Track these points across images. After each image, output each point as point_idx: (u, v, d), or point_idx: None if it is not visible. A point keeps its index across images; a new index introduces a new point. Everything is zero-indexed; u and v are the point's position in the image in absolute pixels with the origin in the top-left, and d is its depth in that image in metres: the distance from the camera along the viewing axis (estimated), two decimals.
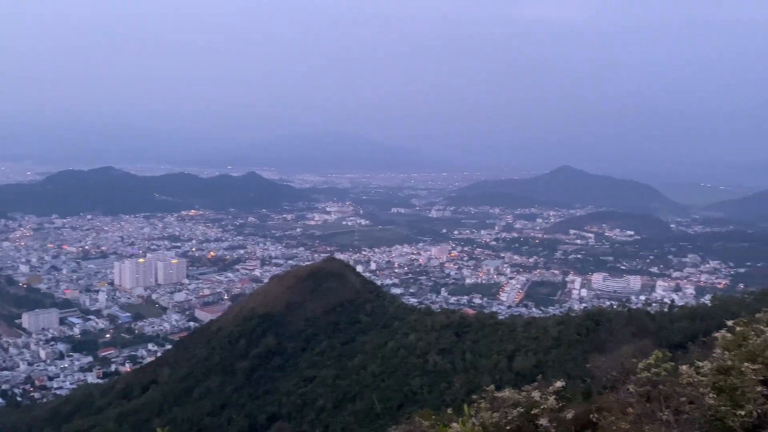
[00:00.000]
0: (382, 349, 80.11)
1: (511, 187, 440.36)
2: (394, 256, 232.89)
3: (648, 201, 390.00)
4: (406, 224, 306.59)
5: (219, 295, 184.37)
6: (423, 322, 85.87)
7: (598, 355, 27.07)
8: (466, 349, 73.81)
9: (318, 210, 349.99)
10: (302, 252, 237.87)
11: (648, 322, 69.01)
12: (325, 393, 73.57)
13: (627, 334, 61.53)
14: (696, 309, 75.88)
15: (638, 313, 75.56)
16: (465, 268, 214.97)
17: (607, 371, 12.77)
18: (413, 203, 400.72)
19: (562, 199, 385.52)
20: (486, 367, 67.54)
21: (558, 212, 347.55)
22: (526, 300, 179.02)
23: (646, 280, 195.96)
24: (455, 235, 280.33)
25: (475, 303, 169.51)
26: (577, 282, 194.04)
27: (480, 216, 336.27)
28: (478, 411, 11.11)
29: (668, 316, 71.52)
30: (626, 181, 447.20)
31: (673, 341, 52.07)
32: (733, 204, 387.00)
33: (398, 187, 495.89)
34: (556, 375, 27.51)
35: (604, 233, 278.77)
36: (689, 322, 64.01)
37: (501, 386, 12.37)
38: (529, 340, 71.49)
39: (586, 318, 74.85)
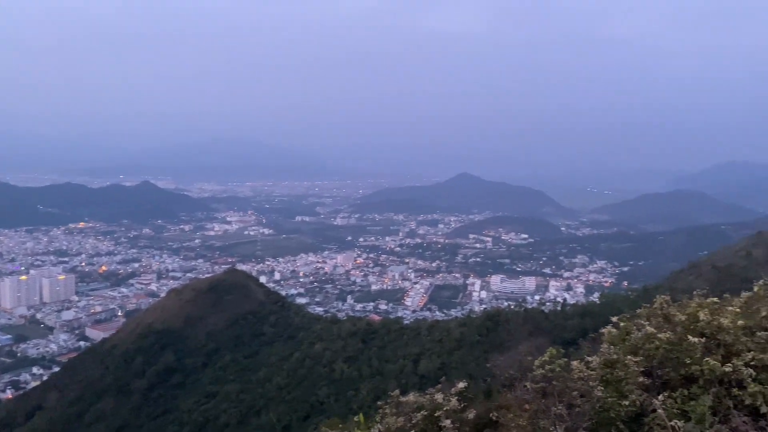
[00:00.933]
0: (288, 360, 78.89)
1: (414, 193, 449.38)
2: (299, 265, 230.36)
3: (540, 206, 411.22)
4: (311, 232, 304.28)
5: (112, 311, 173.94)
6: (329, 330, 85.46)
7: (497, 355, 28.05)
8: (373, 356, 74.20)
9: (218, 220, 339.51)
10: (202, 264, 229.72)
11: (543, 321, 72.62)
12: (228, 409, 71.29)
13: (524, 332, 64.42)
14: (586, 307, 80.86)
15: (534, 312, 79.23)
16: (371, 275, 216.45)
17: (506, 370, 13.21)
18: (318, 211, 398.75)
19: (461, 204, 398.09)
20: (392, 372, 68.21)
21: (458, 217, 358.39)
22: (430, 304, 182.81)
23: (541, 281, 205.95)
24: (360, 242, 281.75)
25: (381, 309, 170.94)
26: (477, 284, 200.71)
27: (384, 222, 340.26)
28: (383, 417, 11.16)
29: (561, 315, 75.60)
30: (521, 187, 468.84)
31: (566, 338, 55.01)
32: (617, 207, 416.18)
33: (302, 195, 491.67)
34: (459, 376, 28.08)
35: (501, 237, 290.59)
36: (580, 319, 68.00)
37: (406, 390, 12.48)
38: (433, 343, 72.99)
39: (486, 319, 77.48)
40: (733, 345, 8.93)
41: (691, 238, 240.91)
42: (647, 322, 10.30)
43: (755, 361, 8.54)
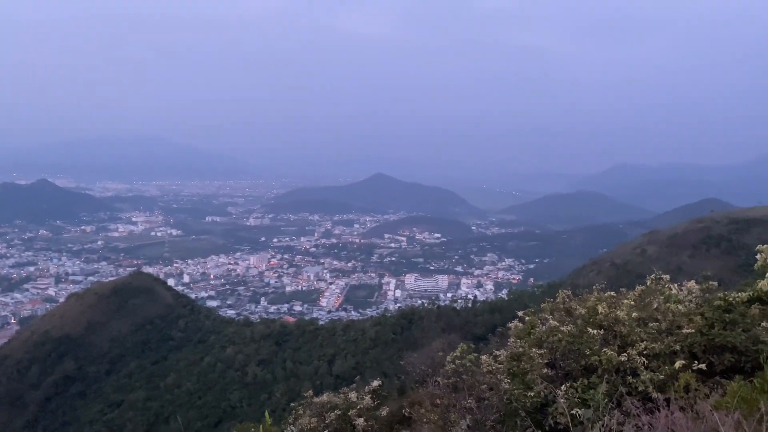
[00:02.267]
0: (198, 365, 76.41)
1: (329, 193, 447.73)
2: (210, 267, 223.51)
3: (453, 206, 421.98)
4: (222, 233, 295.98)
5: (4, 319, 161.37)
6: (241, 333, 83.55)
7: (411, 352, 28.46)
8: (287, 358, 73.31)
9: (122, 220, 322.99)
10: (105, 267, 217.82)
11: (455, 318, 74.54)
12: (135, 417, 68.12)
13: (437, 329, 65.86)
14: (495, 303, 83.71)
15: (446, 309, 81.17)
16: (285, 276, 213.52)
17: (419, 366, 13.42)
18: (229, 211, 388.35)
19: (377, 205, 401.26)
20: (307, 373, 67.68)
21: (374, 218, 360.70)
22: (345, 304, 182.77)
23: (453, 279, 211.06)
24: (274, 242, 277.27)
25: (295, 310, 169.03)
26: (392, 283, 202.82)
27: (299, 223, 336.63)
28: (297, 418, 11.03)
29: (472, 311, 77.91)
30: (434, 188, 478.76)
31: (477, 334, 56.75)
32: (523, 207, 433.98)
33: (213, 195, 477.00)
34: (374, 375, 28.29)
35: (416, 236, 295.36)
36: (490, 315, 70.35)
37: (321, 391, 12.42)
38: (348, 343, 73.10)
39: (400, 317, 78.54)
40: (628, 336, 9.51)
41: (591, 236, 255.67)
42: (551, 316, 10.79)
43: (647, 350, 9.14)
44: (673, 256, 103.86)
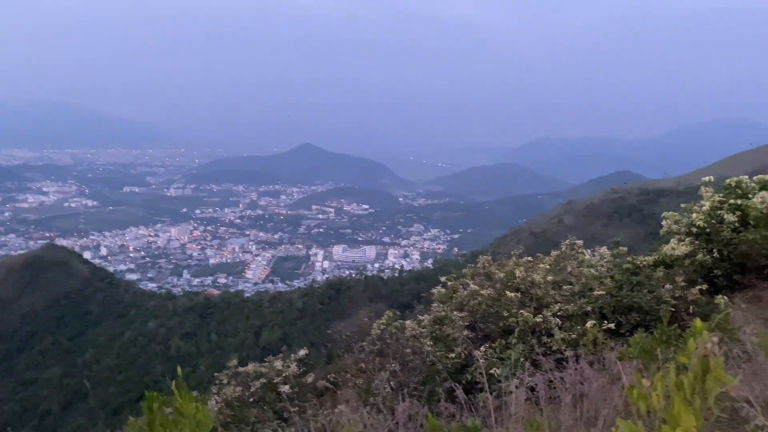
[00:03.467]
0: (118, 340, 73.96)
1: (255, 164, 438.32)
2: (129, 239, 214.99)
3: (380, 177, 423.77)
4: (141, 204, 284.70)
5: None
6: (164, 307, 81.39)
7: (339, 322, 28.65)
8: (212, 331, 72.20)
9: (32, 191, 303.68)
10: (13, 240, 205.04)
11: (382, 287, 75.60)
12: (50, 395, 65.36)
13: (364, 299, 66.61)
14: (421, 272, 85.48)
15: (374, 279, 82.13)
16: (209, 248, 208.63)
17: (346, 334, 13.56)
18: (149, 181, 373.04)
19: (304, 175, 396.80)
20: (233, 345, 67.01)
21: (301, 189, 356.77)
22: (272, 276, 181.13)
23: (380, 249, 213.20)
24: (197, 214, 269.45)
25: (220, 283, 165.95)
26: (319, 255, 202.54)
27: (223, 194, 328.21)
28: (221, 387, 10.92)
29: (399, 280, 79.22)
30: (362, 159, 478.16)
31: (403, 302, 57.82)
32: (448, 179, 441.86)
33: (131, 164, 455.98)
34: (301, 344, 28.36)
35: (343, 208, 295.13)
36: (415, 284, 71.72)
37: (248, 362, 12.33)
38: (275, 315, 72.77)
39: (328, 288, 78.82)
40: (544, 298, 9.98)
41: (513, 207, 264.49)
42: (472, 281, 11.17)
43: (561, 312, 9.63)
44: (589, 225, 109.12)
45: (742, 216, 12.30)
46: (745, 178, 13.37)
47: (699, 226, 12.53)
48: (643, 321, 9.27)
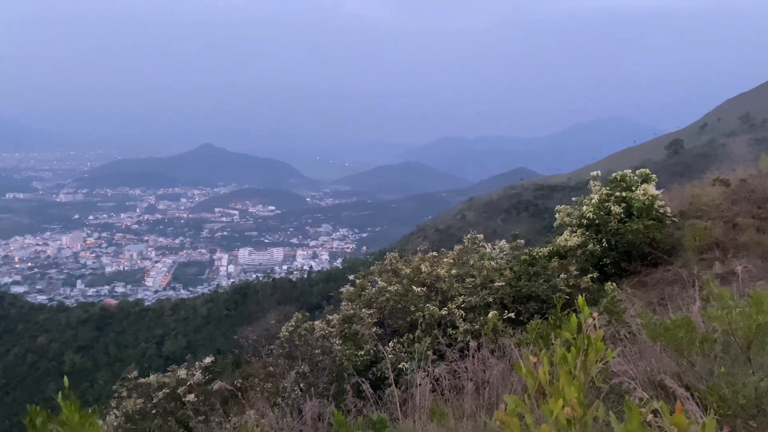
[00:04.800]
0: (4, 358, 68.34)
1: (152, 166, 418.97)
2: (14, 249, 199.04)
3: (286, 177, 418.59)
4: (27, 211, 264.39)
5: None
6: (56, 320, 76.06)
7: (246, 326, 27.97)
8: (110, 343, 68.42)
9: None
10: None
11: (291, 289, 74.74)
12: None
13: (273, 302, 65.53)
14: (330, 272, 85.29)
15: (282, 282, 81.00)
16: (104, 256, 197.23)
17: (253, 339, 13.28)
18: (35, 186, 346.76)
19: (205, 177, 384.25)
20: (133, 357, 63.82)
21: (202, 191, 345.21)
22: (174, 282, 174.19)
23: (288, 251, 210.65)
24: (90, 220, 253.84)
25: (117, 292, 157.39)
26: (224, 259, 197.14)
27: (119, 198, 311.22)
28: (121, 400, 10.37)
29: (308, 282, 78.63)
30: (266, 159, 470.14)
31: (313, 303, 57.47)
32: (356, 178, 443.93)
33: (13, 169, 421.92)
34: (207, 352, 27.52)
35: (249, 209, 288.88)
36: (325, 284, 71.46)
37: (150, 373, 11.77)
38: (178, 323, 70.07)
39: (233, 293, 76.89)
40: (448, 291, 10.26)
41: (418, 204, 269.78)
42: (380, 278, 11.28)
43: (465, 304, 9.94)
44: (490, 220, 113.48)
45: (627, 207, 13.25)
46: (628, 172, 14.40)
47: (589, 218, 13.37)
48: (540, 309, 9.75)
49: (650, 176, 14.14)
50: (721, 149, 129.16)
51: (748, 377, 2.68)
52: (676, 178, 38.36)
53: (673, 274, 10.88)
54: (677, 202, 14.55)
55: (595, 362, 1.77)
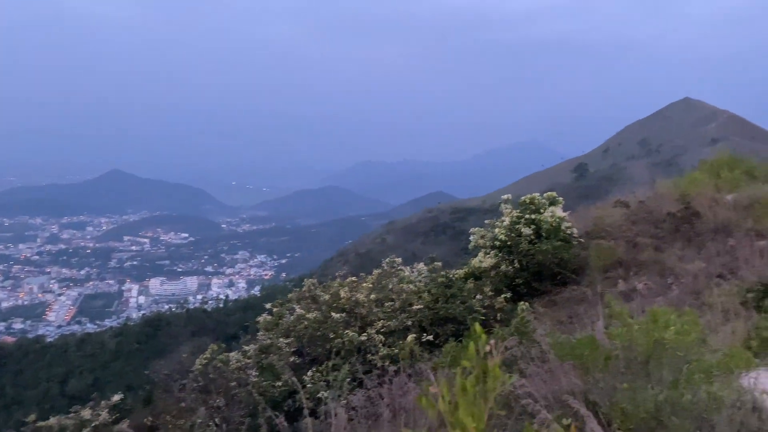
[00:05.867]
0: None
1: (55, 192, 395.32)
2: None
3: (201, 203, 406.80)
4: None
5: None
6: None
7: (158, 360, 26.67)
8: (6, 383, 63.19)
9: None
10: None
11: (206, 320, 72.16)
12: None
13: (187, 334, 63.01)
14: (248, 300, 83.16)
15: (196, 312, 78.12)
16: (0, 290, 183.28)
17: (166, 374, 12.70)
18: None
19: (114, 204, 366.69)
20: (33, 398, 59.24)
21: (110, 219, 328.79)
22: (79, 316, 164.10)
23: (203, 280, 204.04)
24: None
25: (15, 329, 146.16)
26: (134, 290, 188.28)
27: (17, 228, 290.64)
28: None
29: (224, 311, 76.29)
30: (179, 185, 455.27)
31: (230, 333, 55.67)
32: (274, 203, 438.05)
33: None
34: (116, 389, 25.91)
35: (160, 237, 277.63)
36: (242, 313, 69.50)
37: (50, 415, 10.95)
38: (84, 359, 65.87)
39: (145, 325, 73.39)
40: (368, 316, 10.25)
41: (339, 229, 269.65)
42: (298, 305, 11.10)
43: (384, 328, 9.95)
44: (409, 243, 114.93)
45: (537, 229, 13.81)
46: (537, 195, 15.05)
47: (501, 240, 13.82)
48: (458, 330, 9.91)
49: (557, 199, 14.85)
50: (622, 172, 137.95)
51: (648, 391, 2.82)
52: (581, 200, 40.41)
53: (581, 292, 11.40)
54: (583, 223, 15.30)
55: (494, 389, 1.80)
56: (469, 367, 1.86)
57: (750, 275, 8.99)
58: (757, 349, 6.36)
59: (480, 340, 1.96)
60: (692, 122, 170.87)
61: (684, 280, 10.36)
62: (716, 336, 6.04)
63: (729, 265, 10.28)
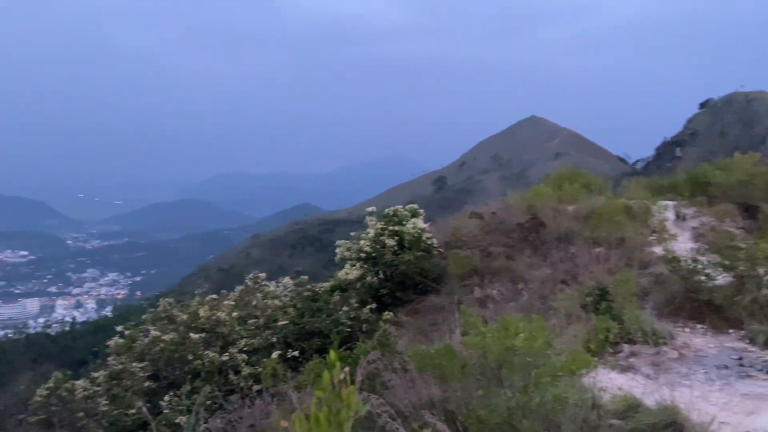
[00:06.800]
0: None
1: None
2: None
3: (42, 218, 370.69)
4: None
5: None
6: None
7: None
8: None
9: None
10: None
11: (49, 345, 65.71)
12: None
13: (26, 362, 56.85)
14: (98, 322, 76.87)
15: (38, 337, 70.90)
16: None
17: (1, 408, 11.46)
18: None
19: None
20: None
21: None
22: None
23: (46, 301, 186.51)
24: None
25: None
26: None
27: None
28: None
29: (70, 335, 69.98)
30: (16, 198, 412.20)
31: (77, 359, 51.10)
32: (127, 217, 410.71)
33: None
34: None
35: None
36: (92, 336, 64.08)
37: None
38: None
39: None
40: (230, 335, 9.86)
41: (200, 243, 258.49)
42: (153, 327, 10.42)
43: (248, 347, 9.63)
44: (276, 257, 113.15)
45: (400, 240, 14.20)
46: (400, 207, 15.50)
47: (366, 252, 14.04)
48: (324, 345, 9.85)
49: (418, 211, 15.41)
50: (477, 185, 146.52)
51: (501, 397, 2.97)
52: (441, 212, 42.23)
53: (441, 300, 11.87)
54: (442, 234, 15.97)
55: (348, 419, 1.78)
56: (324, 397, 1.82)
57: (589, 280, 9.88)
58: (595, 349, 6.99)
59: (334, 369, 1.93)
60: (538, 138, 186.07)
61: (532, 285, 11.15)
62: (562, 338, 6.54)
63: (571, 271, 11.22)
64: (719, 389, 6.12)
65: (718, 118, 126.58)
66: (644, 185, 19.56)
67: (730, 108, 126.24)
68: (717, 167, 17.78)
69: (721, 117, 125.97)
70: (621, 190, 19.13)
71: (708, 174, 17.09)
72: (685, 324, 8.54)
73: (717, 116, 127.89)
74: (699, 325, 8.48)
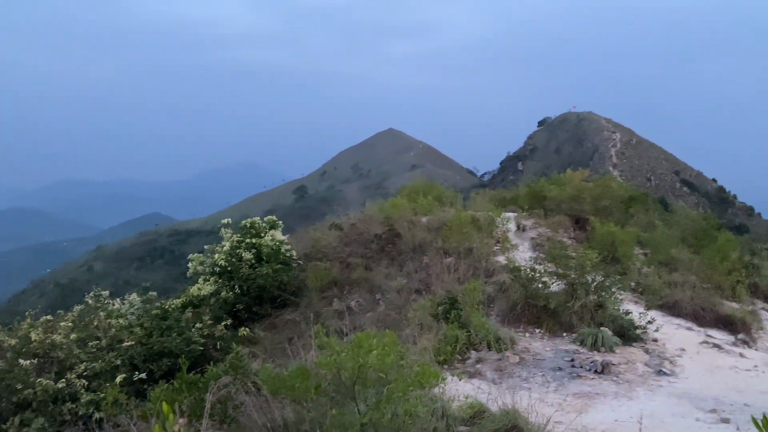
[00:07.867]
0: None
1: None
2: None
3: None
4: None
5: None
6: None
7: None
8: None
9: None
10: None
11: None
12: None
13: None
14: None
15: None
16: None
17: None
18: None
19: None
20: None
21: None
22: None
23: None
24: None
25: None
26: None
27: None
28: None
29: None
30: None
31: None
32: None
33: None
34: None
35: None
36: None
37: None
38: None
39: None
40: (67, 359, 9.01)
41: (32, 256, 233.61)
42: None
43: (88, 371, 8.85)
44: (122, 270, 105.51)
45: (258, 253, 13.90)
46: (258, 219, 15.19)
47: (221, 266, 13.58)
48: (175, 365, 9.32)
49: (277, 222, 15.21)
50: (338, 194, 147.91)
51: (355, 415, 3.01)
52: (302, 221, 42.08)
53: (300, 314, 11.80)
54: (302, 245, 15.92)
55: None
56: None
57: (440, 289, 10.35)
58: (445, 357, 7.34)
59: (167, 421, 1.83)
60: (395, 150, 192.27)
61: (389, 296, 11.45)
62: (415, 348, 6.80)
63: (425, 280, 11.70)
64: (554, 390, 6.72)
65: (554, 135, 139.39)
66: (489, 197, 21.03)
67: (564, 126, 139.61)
68: (551, 182, 19.58)
69: (557, 134, 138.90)
70: (470, 202, 20.37)
71: (544, 188, 18.75)
72: (526, 329, 9.26)
73: (553, 133, 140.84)
74: (537, 329, 9.24)
